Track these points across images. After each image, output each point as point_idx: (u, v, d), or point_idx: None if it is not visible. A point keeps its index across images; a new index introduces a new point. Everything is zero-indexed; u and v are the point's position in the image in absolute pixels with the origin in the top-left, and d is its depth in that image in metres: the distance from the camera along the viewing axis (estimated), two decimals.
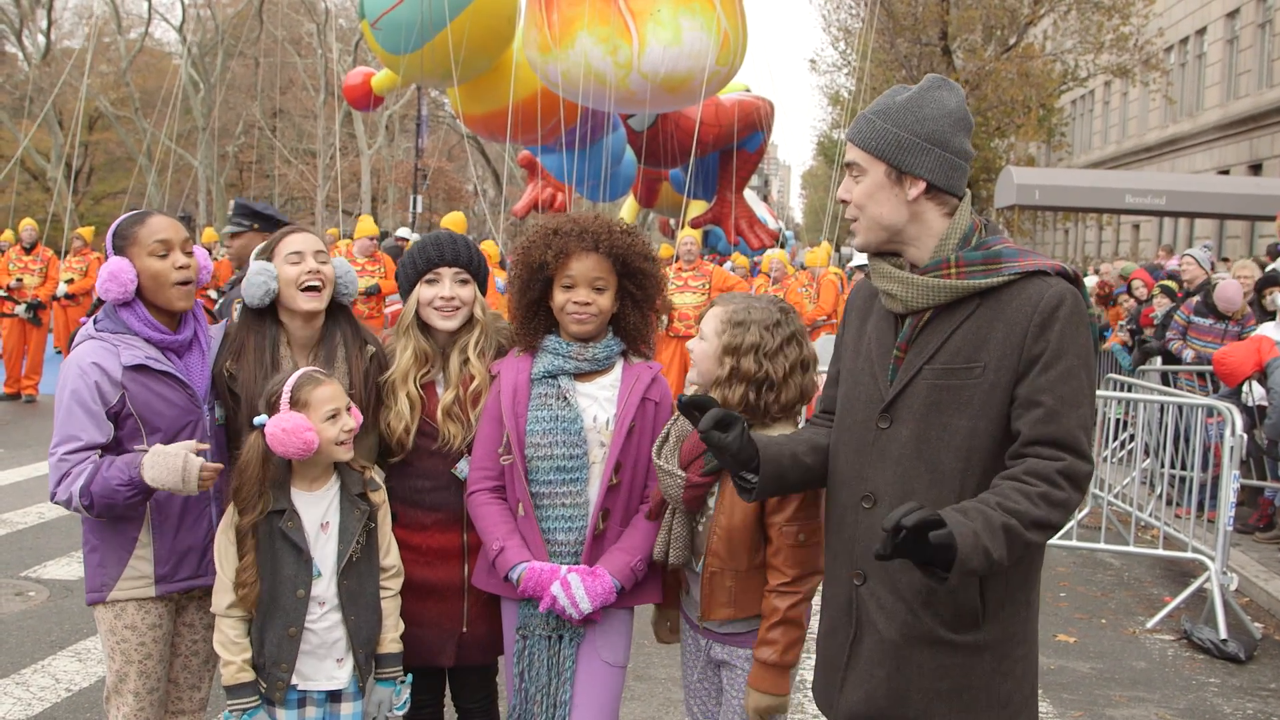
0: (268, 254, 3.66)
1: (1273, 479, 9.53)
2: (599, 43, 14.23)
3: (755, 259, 21.57)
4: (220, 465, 3.37)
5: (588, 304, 3.46)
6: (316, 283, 3.62)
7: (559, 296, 3.49)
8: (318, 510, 3.43)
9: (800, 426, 3.25)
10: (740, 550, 3.27)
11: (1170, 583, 8.38)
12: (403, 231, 20.96)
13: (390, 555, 3.58)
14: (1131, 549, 8.32)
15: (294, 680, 3.39)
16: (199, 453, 3.32)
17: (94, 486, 3.30)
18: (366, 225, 13.96)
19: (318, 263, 3.63)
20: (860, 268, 15.48)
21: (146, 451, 3.31)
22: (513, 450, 3.46)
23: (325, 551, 3.42)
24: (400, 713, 3.59)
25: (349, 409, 3.45)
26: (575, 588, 3.34)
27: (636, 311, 3.59)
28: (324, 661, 3.42)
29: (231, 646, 3.37)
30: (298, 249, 3.62)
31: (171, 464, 3.25)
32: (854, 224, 2.80)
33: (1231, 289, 10.43)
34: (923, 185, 2.68)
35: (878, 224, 2.75)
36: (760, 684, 3.23)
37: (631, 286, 3.55)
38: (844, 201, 2.80)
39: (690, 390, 3.47)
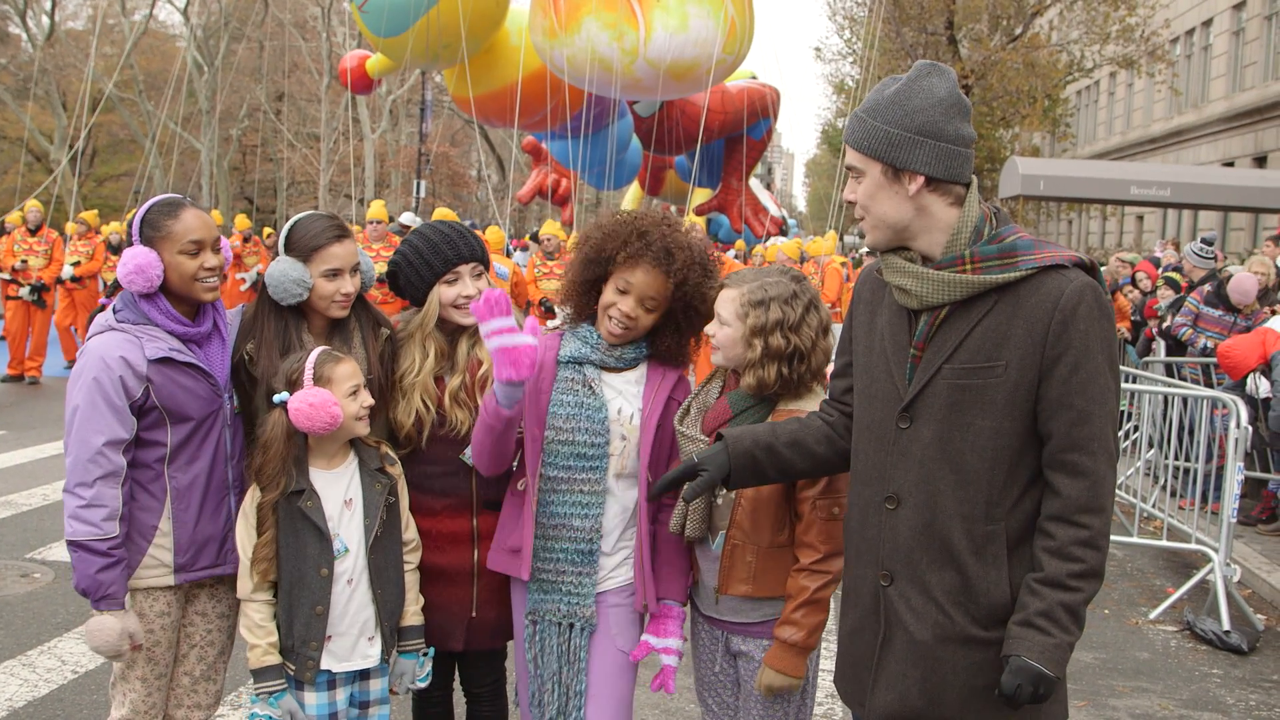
0: (305, 255, 3.57)
1: (1276, 471, 9.54)
2: (605, 29, 14.20)
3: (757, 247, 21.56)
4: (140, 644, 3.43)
5: (632, 317, 3.41)
6: (347, 302, 3.62)
7: (608, 295, 3.43)
8: (339, 487, 3.45)
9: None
10: (764, 524, 3.27)
11: (1173, 574, 8.39)
12: (406, 217, 20.92)
13: (410, 529, 3.61)
14: (1135, 540, 8.32)
15: (327, 663, 3.40)
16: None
17: (77, 560, 3.30)
18: (377, 210, 13.88)
19: (351, 279, 3.61)
20: (870, 254, 15.49)
21: (126, 610, 3.35)
22: (529, 427, 3.45)
23: (352, 528, 3.43)
24: (422, 684, 3.61)
25: (364, 387, 3.47)
26: (676, 647, 3.46)
27: (674, 337, 3.53)
28: (358, 641, 3.45)
29: (257, 630, 3.38)
30: (337, 266, 3.57)
31: (108, 638, 3.31)
32: (862, 224, 2.77)
33: (1247, 281, 10.42)
34: (921, 179, 2.63)
35: (883, 223, 2.71)
36: (778, 663, 3.23)
37: (680, 317, 3.49)
38: (850, 202, 2.77)
39: (716, 368, 3.49)
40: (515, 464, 3.57)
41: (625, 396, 3.49)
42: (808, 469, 3.07)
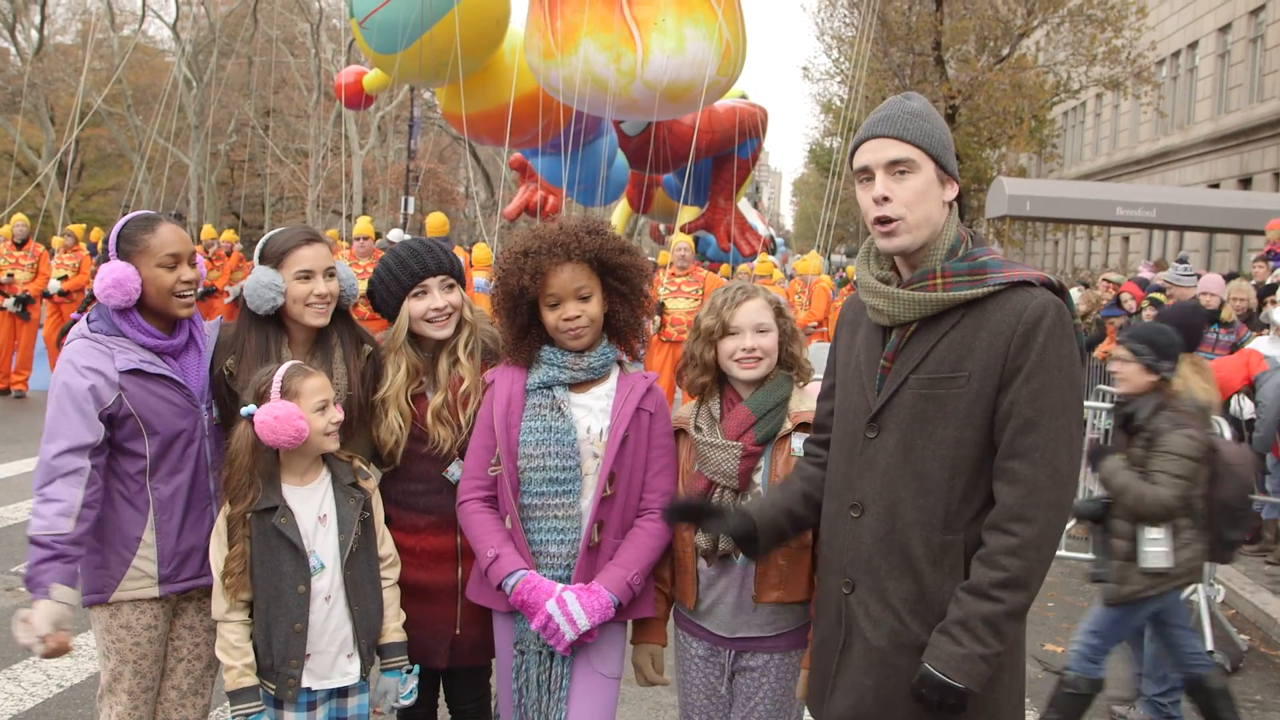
0: (276, 261, 3.62)
1: (1261, 492, 9.57)
2: (602, 50, 14.23)
3: (744, 266, 21.61)
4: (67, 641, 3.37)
5: (577, 317, 3.43)
6: (323, 305, 3.63)
7: (549, 316, 3.46)
8: (313, 504, 3.45)
9: (795, 464, 3.27)
10: None
11: None
12: (394, 234, 20.91)
13: (386, 544, 3.60)
14: None
15: (307, 681, 3.39)
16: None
17: (31, 555, 3.28)
18: (364, 226, 13.92)
19: (326, 281, 3.63)
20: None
21: (48, 599, 3.29)
22: (503, 461, 3.45)
23: (326, 544, 3.43)
24: (407, 701, 3.59)
25: (335, 403, 3.47)
26: (572, 605, 3.29)
27: (625, 306, 3.55)
28: (337, 658, 3.44)
29: (233, 651, 3.37)
30: (308, 267, 3.60)
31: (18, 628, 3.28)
32: (895, 224, 2.71)
33: (1213, 282, 10.60)
34: (956, 189, 2.75)
35: (925, 223, 2.72)
36: None
37: (615, 282, 3.51)
38: (886, 200, 2.71)
39: (752, 374, 3.49)
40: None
41: (594, 414, 3.48)
42: (818, 520, 3.07)
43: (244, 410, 3.37)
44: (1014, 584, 2.55)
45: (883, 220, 2.72)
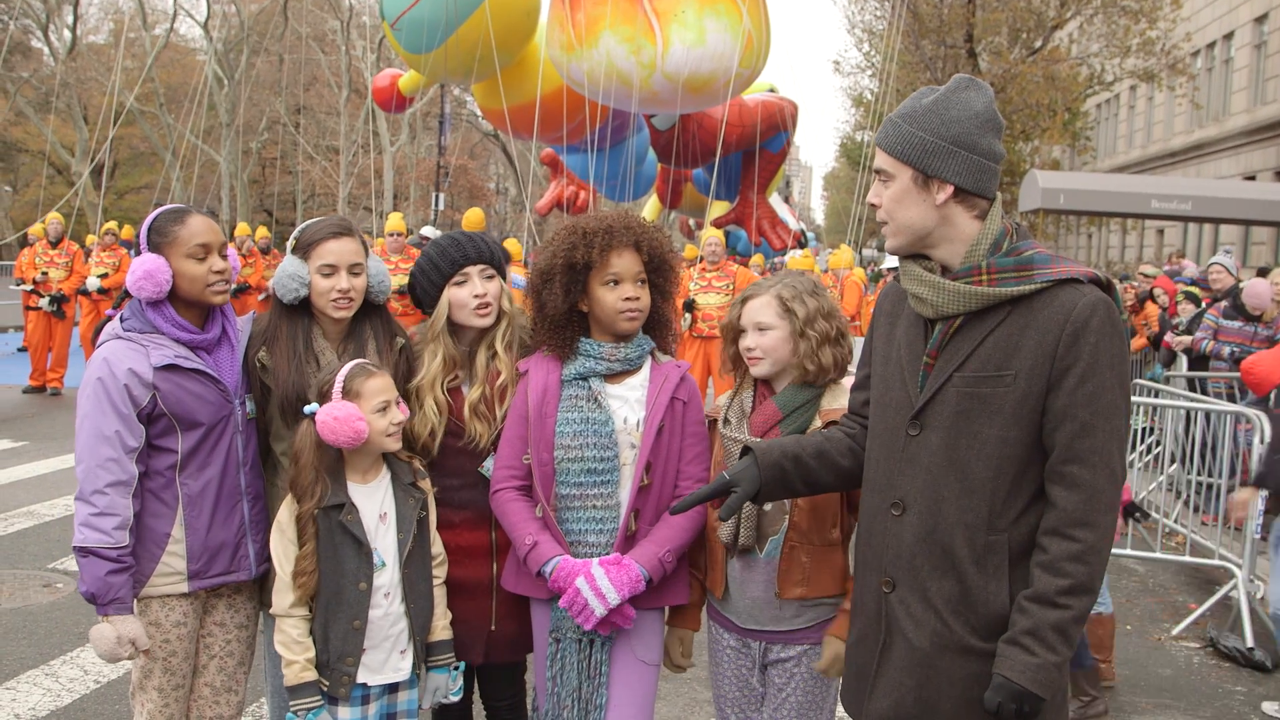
0: (304, 252, 3.63)
1: None
2: (623, 42, 14.19)
3: (776, 260, 21.56)
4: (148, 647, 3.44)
5: (637, 299, 3.49)
6: (345, 301, 3.63)
7: (607, 296, 3.47)
8: (375, 501, 3.46)
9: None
10: (824, 521, 3.33)
11: (1196, 590, 8.33)
12: (426, 230, 20.97)
13: (436, 544, 3.62)
14: (1157, 555, 8.27)
15: (362, 677, 3.41)
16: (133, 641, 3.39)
17: (85, 565, 3.32)
18: (395, 222, 13.98)
19: (351, 278, 3.62)
20: (890, 270, 15.48)
21: (132, 613, 3.37)
22: (536, 452, 3.45)
23: (387, 542, 3.45)
24: (455, 698, 3.63)
25: (397, 403, 3.48)
26: (600, 579, 3.31)
27: (665, 303, 3.64)
28: (390, 654, 3.46)
29: (294, 646, 3.38)
30: (332, 261, 3.60)
31: (107, 645, 3.34)
32: (884, 228, 2.80)
33: (1261, 287, 10.44)
34: (950, 189, 2.66)
35: (907, 228, 2.73)
36: (845, 633, 3.26)
37: (659, 280, 3.58)
38: (874, 206, 2.80)
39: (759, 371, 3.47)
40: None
41: (630, 405, 3.50)
42: (832, 482, 3.09)
43: (307, 409, 3.40)
44: (1080, 589, 2.54)
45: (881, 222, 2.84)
